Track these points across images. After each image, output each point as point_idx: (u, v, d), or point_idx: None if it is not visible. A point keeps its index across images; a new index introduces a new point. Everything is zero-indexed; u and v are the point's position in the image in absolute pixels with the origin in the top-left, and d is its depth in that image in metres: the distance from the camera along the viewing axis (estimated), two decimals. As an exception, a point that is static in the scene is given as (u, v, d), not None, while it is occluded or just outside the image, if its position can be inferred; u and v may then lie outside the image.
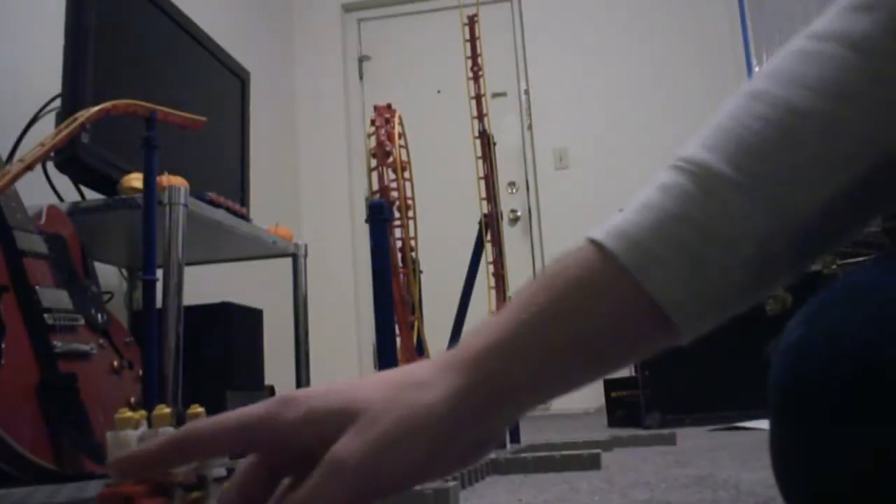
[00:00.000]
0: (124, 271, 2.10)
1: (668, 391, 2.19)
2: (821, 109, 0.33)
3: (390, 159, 1.20)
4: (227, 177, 2.18)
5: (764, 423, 1.91)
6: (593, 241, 0.37)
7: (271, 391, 2.24)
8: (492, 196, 1.69)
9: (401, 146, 1.26)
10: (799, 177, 0.34)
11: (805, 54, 0.35)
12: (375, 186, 1.22)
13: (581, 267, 0.36)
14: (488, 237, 1.66)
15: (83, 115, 1.18)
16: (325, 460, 0.34)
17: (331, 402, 0.36)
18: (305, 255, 2.21)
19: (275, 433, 0.36)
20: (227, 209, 1.74)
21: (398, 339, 1.27)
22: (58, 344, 1.22)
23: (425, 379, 0.36)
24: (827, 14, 0.36)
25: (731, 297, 0.36)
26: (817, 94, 0.34)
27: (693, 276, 0.34)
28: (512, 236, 3.83)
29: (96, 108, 1.20)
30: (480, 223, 1.68)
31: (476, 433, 0.36)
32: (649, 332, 0.36)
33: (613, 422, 2.41)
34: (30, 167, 1.09)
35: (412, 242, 1.35)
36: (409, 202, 1.31)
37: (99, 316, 1.37)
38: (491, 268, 1.66)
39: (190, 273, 1.54)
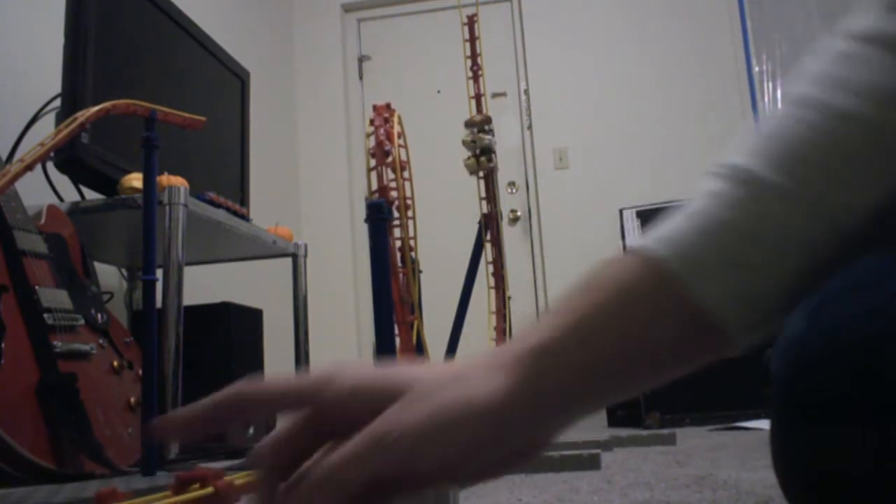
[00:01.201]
0: (124, 271, 2.10)
1: (668, 391, 2.18)
2: (867, 115, 0.33)
3: (389, 159, 1.20)
4: (227, 177, 2.18)
5: (764, 423, 1.91)
6: (637, 249, 0.35)
7: (271, 391, 2.24)
8: (492, 196, 1.69)
9: (400, 146, 1.26)
10: (848, 184, 0.33)
11: (849, 57, 0.35)
12: (374, 186, 1.22)
13: (629, 274, 0.35)
14: (488, 237, 1.66)
15: (83, 115, 1.18)
16: (368, 427, 0.33)
17: (380, 377, 0.35)
18: (305, 255, 2.21)
19: (322, 402, 0.35)
20: (227, 209, 1.74)
21: (397, 339, 1.27)
22: (58, 344, 1.22)
23: (470, 374, 0.35)
24: (867, 11, 0.36)
25: (781, 306, 0.34)
26: (863, 99, 0.34)
27: (743, 284, 0.33)
28: (512, 236, 3.83)
29: (96, 108, 1.20)
30: (480, 223, 1.68)
31: (523, 436, 0.35)
32: (698, 342, 0.34)
33: (613, 422, 2.41)
34: (30, 167, 1.09)
35: (411, 242, 1.35)
36: (409, 202, 1.31)
37: (99, 316, 1.37)
38: (491, 268, 1.66)
39: (190, 273, 1.54)
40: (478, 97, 1.64)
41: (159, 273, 1.35)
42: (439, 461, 0.33)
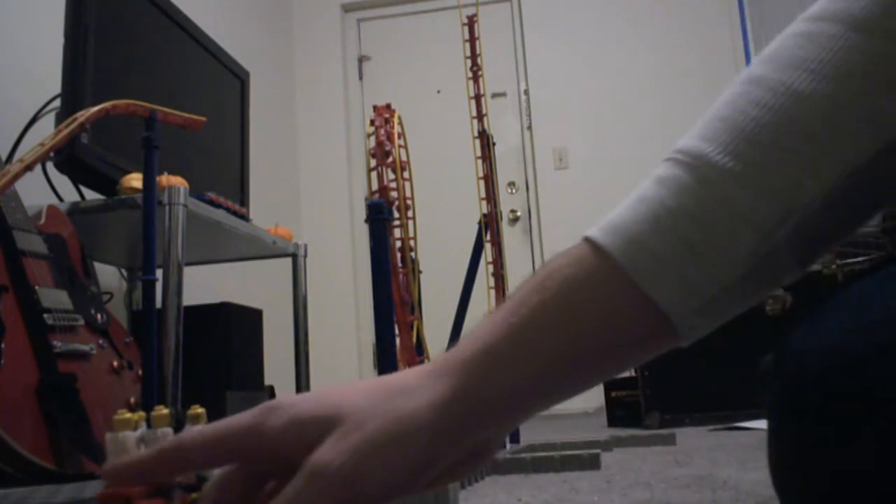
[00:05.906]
0: (124, 271, 2.10)
1: (668, 391, 2.19)
2: (823, 92, 0.32)
3: (389, 159, 1.20)
4: (227, 177, 2.18)
5: (764, 424, 1.92)
6: (587, 239, 0.35)
7: (271, 391, 2.24)
8: (491, 196, 1.69)
9: (400, 146, 1.26)
10: (802, 163, 0.32)
11: (804, 37, 0.34)
12: (375, 186, 1.22)
13: (574, 266, 0.34)
14: (488, 237, 1.66)
15: (83, 115, 1.18)
16: (304, 466, 0.33)
17: (314, 409, 0.34)
18: (305, 255, 2.21)
19: (260, 442, 0.35)
20: (227, 209, 1.74)
21: (398, 339, 1.27)
22: (58, 344, 1.22)
23: (413, 385, 0.35)
24: None
25: (732, 295, 0.34)
26: (819, 77, 0.32)
27: (692, 272, 0.32)
28: (512, 236, 3.83)
29: (96, 108, 1.19)
30: (480, 223, 1.68)
31: (465, 442, 0.35)
32: (647, 334, 0.34)
33: (613, 422, 2.41)
34: (30, 167, 1.09)
35: (412, 242, 1.35)
36: (409, 202, 1.31)
37: (99, 316, 1.37)
38: (491, 268, 1.66)
39: (190, 273, 1.54)
40: (478, 97, 1.64)
41: (159, 273, 1.35)
42: (384, 483, 0.33)
